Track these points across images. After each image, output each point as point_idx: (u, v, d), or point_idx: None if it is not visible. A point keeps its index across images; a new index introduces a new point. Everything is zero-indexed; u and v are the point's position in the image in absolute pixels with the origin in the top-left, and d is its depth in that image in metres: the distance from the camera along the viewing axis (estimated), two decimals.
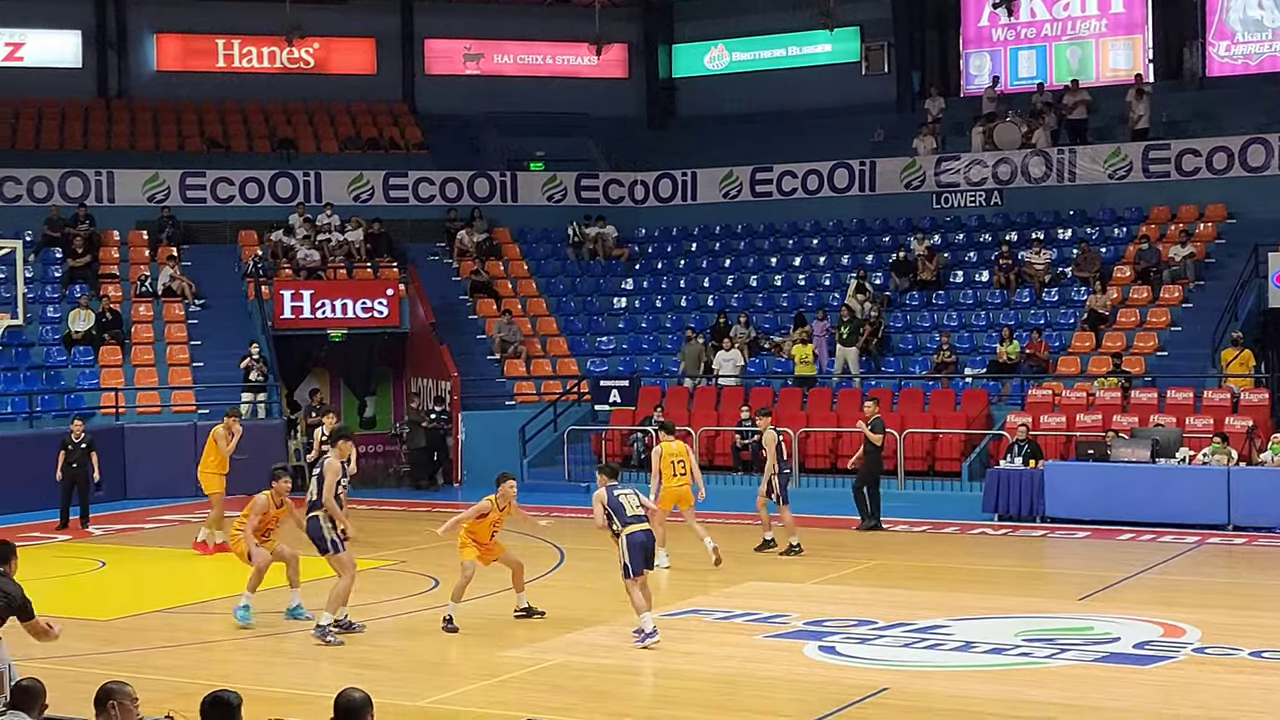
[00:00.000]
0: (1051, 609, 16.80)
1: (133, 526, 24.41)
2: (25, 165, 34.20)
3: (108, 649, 15.40)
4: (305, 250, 33.41)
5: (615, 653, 14.89)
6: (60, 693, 9.40)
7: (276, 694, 12.71)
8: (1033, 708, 12.65)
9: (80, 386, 30.07)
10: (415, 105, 39.07)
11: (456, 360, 31.53)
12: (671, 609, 17.05)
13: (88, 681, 9.43)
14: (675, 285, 35.59)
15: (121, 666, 13.78)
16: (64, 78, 37.12)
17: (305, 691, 12.98)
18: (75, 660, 14.50)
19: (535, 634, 15.85)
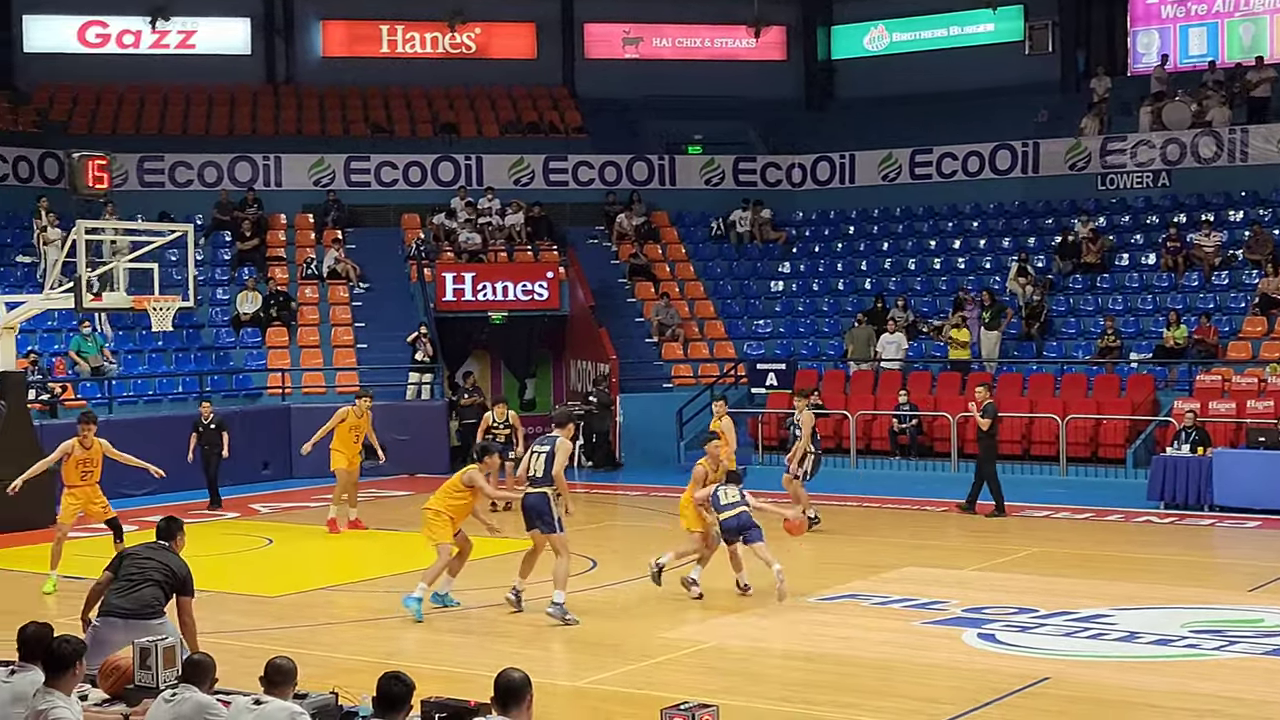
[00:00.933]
0: (1220, 600, 16.46)
1: (298, 505, 24.91)
2: (196, 151, 35.03)
3: (275, 625, 15.77)
4: (467, 233, 33.80)
5: (773, 636, 14.89)
6: (229, 666, 9.63)
7: (440, 672, 12.91)
8: (1200, 700, 12.41)
9: (248, 367, 30.75)
10: (575, 89, 39.28)
11: (615, 343, 31.69)
12: (829, 593, 17.02)
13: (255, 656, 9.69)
14: (832, 268, 35.41)
15: (288, 642, 14.10)
16: (233, 65, 37.93)
17: (467, 670, 13.16)
18: (243, 635, 14.88)
19: (693, 617, 15.91)
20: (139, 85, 36.81)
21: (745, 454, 29.07)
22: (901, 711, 11.97)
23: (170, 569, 11.35)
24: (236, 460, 26.81)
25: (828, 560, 19.23)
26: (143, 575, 11.23)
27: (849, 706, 12.31)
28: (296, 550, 21.15)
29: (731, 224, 36.39)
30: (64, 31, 37.12)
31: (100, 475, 18.20)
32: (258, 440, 27.84)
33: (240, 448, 27.14)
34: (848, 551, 20.09)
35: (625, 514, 26.15)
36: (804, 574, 18.25)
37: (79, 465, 17.83)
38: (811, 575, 18.16)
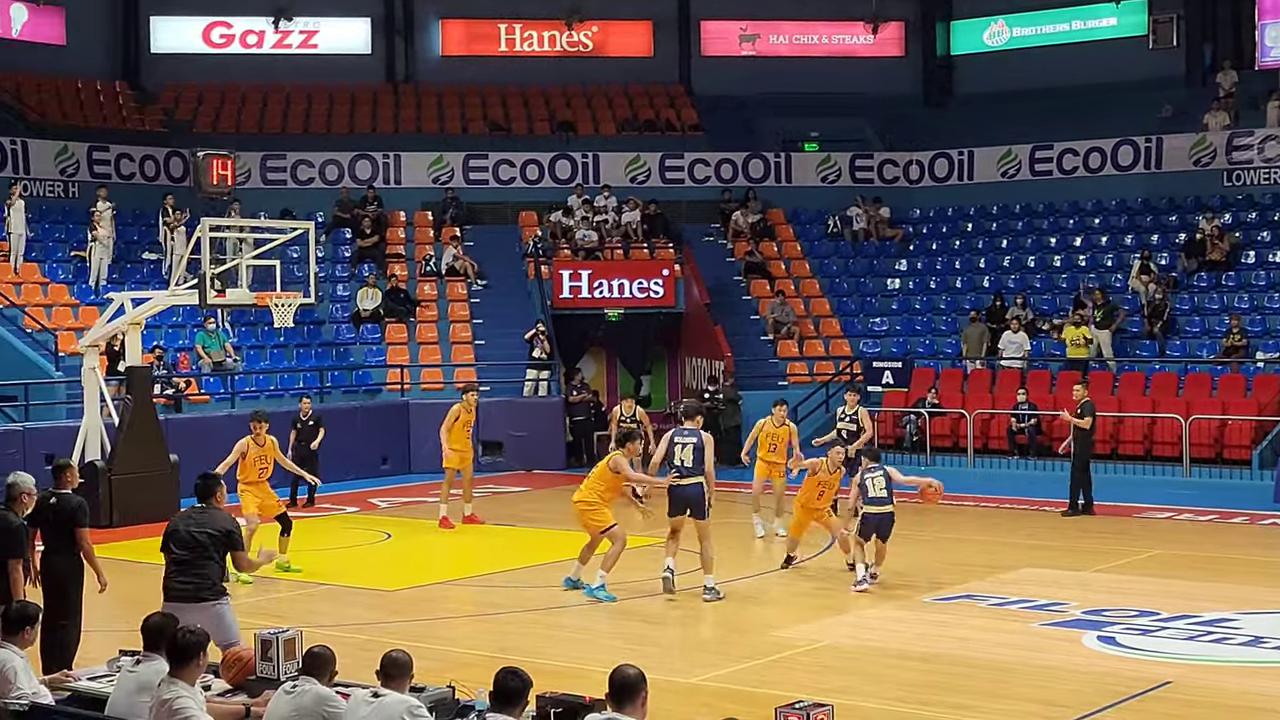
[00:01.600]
0: None
1: (417, 500, 25.14)
2: (317, 149, 35.50)
3: (393, 618, 15.94)
4: (583, 231, 33.95)
5: (888, 636, 14.81)
6: (348, 659, 9.76)
7: (554, 667, 12.98)
8: None
9: (367, 363, 31.12)
10: (691, 87, 39.28)
11: (730, 340, 31.68)
12: (945, 593, 16.91)
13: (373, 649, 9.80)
14: (950, 266, 35.12)
15: (405, 636, 14.24)
16: (354, 64, 38.37)
17: (580, 666, 13.23)
18: (363, 628, 15.06)
19: (808, 615, 15.87)
20: (262, 85, 37.39)
21: None
22: (1019, 714, 11.86)
23: (213, 531, 11.49)
24: (357, 455, 27.21)
25: (944, 560, 19.08)
26: (189, 551, 11.39)
27: (965, 708, 12.21)
28: (414, 545, 21.36)
29: (848, 221, 36.21)
30: (189, 32, 37.78)
31: (273, 472, 18.61)
32: (377, 435, 28.18)
33: (360, 443, 27.54)
34: (964, 551, 19.93)
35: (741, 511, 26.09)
36: (919, 573, 18.15)
37: (256, 463, 18.27)
38: (927, 575, 18.05)
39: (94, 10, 36.80)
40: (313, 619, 15.30)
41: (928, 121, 38.75)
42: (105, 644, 12.43)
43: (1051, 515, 23.14)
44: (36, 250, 30.42)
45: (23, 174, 31.23)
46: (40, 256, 30.41)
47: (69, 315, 28.59)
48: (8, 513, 12.12)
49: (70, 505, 12.63)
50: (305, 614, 15.71)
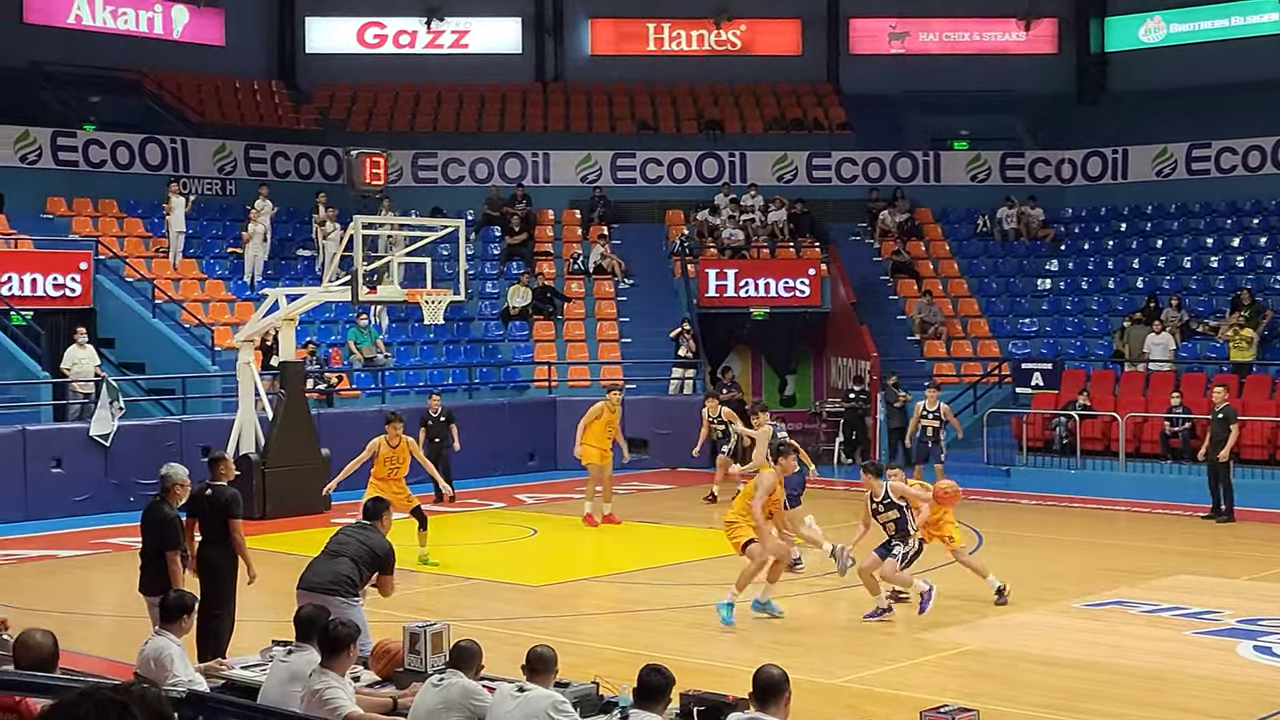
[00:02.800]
0: None
1: (563, 496, 25.32)
2: (468, 148, 35.91)
3: (539, 614, 16.08)
4: (730, 229, 33.95)
5: (1037, 642, 14.63)
6: (494, 653, 9.86)
7: (695, 665, 13.00)
8: None
9: (515, 360, 31.41)
10: (839, 85, 39.10)
11: (876, 340, 31.47)
12: (1094, 599, 16.66)
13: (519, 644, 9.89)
14: (1103, 266, 34.56)
15: (551, 631, 14.36)
16: (504, 63, 38.74)
17: (725, 664, 13.24)
18: (509, 623, 15.22)
19: (953, 619, 15.73)
20: (414, 84, 37.90)
21: (1009, 454, 28.63)
22: None
23: (371, 548, 11.64)
24: (504, 451, 27.49)
25: (1094, 565, 18.80)
26: (341, 551, 11.58)
27: (1116, 717, 12.04)
28: (560, 541, 21.51)
29: (998, 221, 35.80)
30: (344, 33, 38.44)
31: (407, 472, 18.78)
32: (524, 432, 28.44)
33: (507, 439, 27.82)
34: (1115, 556, 19.62)
35: None
36: (1069, 579, 17.92)
37: (386, 463, 18.49)
38: (1077, 580, 17.81)
39: (252, 12, 37.60)
40: (459, 613, 15.48)
41: (1081, 119, 38.14)
42: (257, 634, 12.70)
43: (1206, 522, 22.69)
44: (194, 247, 31.13)
45: (182, 172, 31.98)
46: (198, 253, 31.12)
47: (225, 311, 29.23)
48: (163, 504, 12.43)
49: (224, 497, 12.92)
50: (452, 608, 15.91)
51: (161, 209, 30.50)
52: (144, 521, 12.48)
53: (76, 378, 24.66)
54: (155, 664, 9.52)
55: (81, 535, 20.94)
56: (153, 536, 12.33)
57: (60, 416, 24.76)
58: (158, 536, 12.28)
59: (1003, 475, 27.70)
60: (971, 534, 21.14)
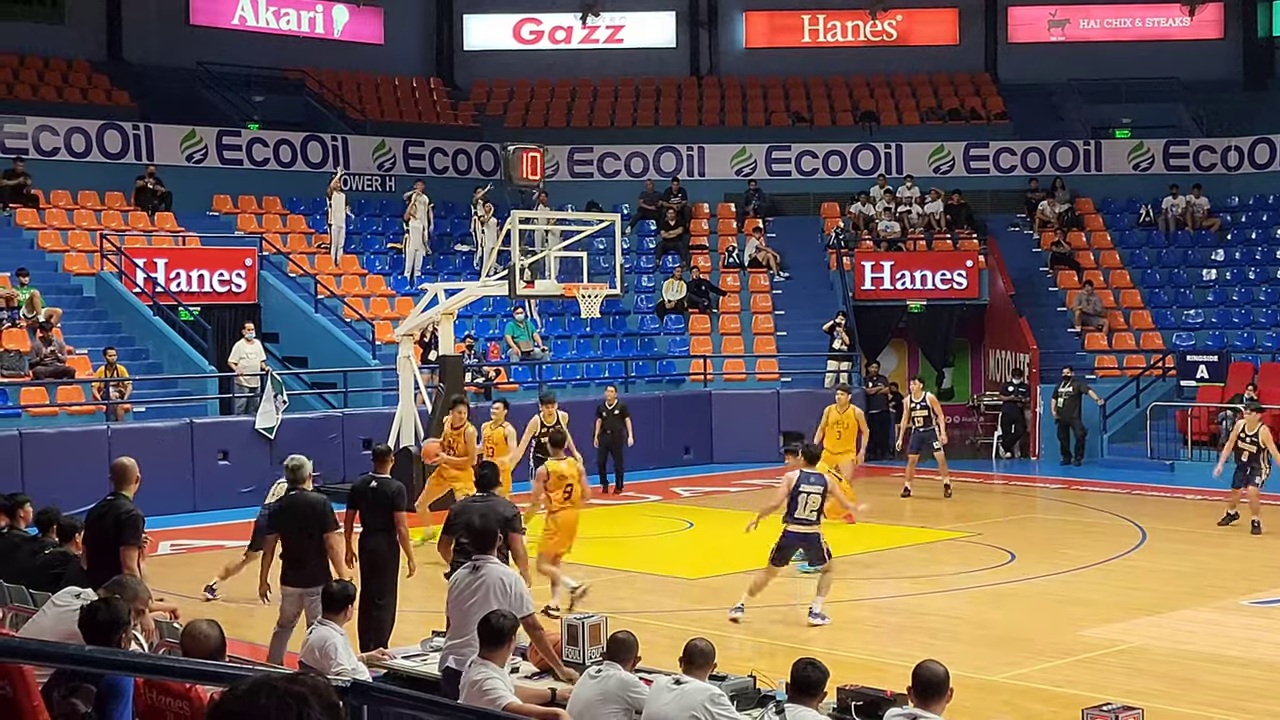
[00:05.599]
0: None
1: (718, 489, 25.37)
2: (623, 142, 36.04)
3: (695, 606, 16.13)
4: (886, 221, 33.70)
5: (1202, 639, 14.36)
6: (650, 646, 9.93)
7: (851, 659, 12.98)
8: None
9: (671, 353, 31.50)
10: (997, 74, 38.60)
11: (1035, 332, 31.04)
12: (1262, 596, 16.30)
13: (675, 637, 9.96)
14: (1270, 256, 33.69)
15: (706, 624, 14.41)
16: (659, 57, 38.84)
17: (879, 659, 13.19)
18: (664, 615, 15.29)
19: (1115, 615, 15.49)
20: (569, 79, 38.15)
21: (1173, 449, 28.06)
22: None
23: (500, 516, 11.73)
24: (660, 444, 27.60)
25: (1263, 562, 18.38)
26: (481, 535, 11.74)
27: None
28: (716, 534, 21.52)
29: (1162, 210, 35.10)
30: (500, 29, 38.80)
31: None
32: (679, 425, 28.52)
33: (664, 432, 27.93)
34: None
35: (1044, 507, 25.66)
36: (1236, 575, 17.56)
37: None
38: (1243, 577, 17.43)
39: (411, 10, 38.12)
40: (616, 605, 15.58)
41: (1247, 106, 37.22)
42: (419, 624, 12.92)
43: None
44: (355, 242, 31.67)
45: (342, 168, 32.54)
46: (359, 248, 31.66)
47: (385, 305, 29.69)
48: (306, 492, 12.56)
49: (390, 490, 13.14)
50: (609, 600, 16.01)
51: (323, 205, 31.07)
52: (287, 514, 12.52)
53: (243, 372, 25.23)
54: (320, 653, 9.74)
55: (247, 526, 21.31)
56: (300, 524, 12.28)
57: (226, 410, 25.33)
58: (313, 523, 12.27)
59: (1166, 470, 27.19)
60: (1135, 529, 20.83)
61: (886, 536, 20.64)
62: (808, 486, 14.95)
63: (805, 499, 14.88)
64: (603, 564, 18.55)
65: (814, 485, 14.99)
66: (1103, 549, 19.33)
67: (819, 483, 15.05)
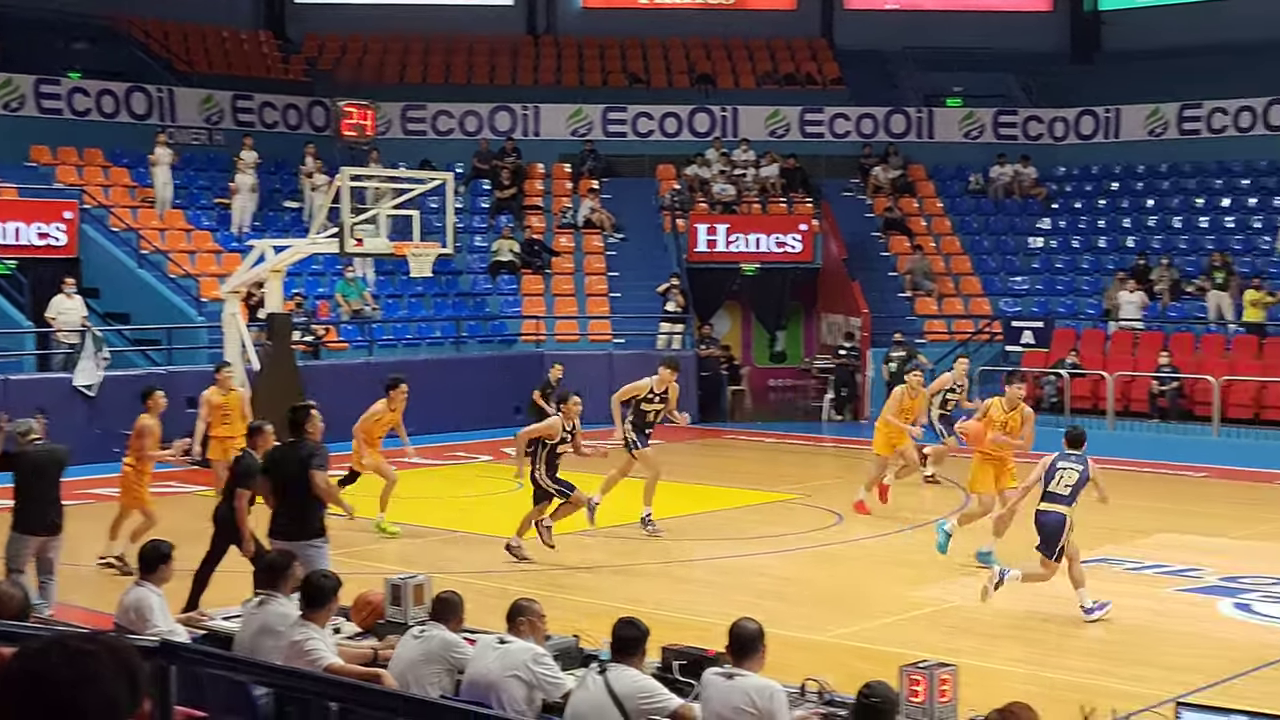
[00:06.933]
0: None
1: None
2: (457, 100, 35.68)
3: (525, 567, 16.05)
4: (721, 185, 33.83)
5: (1020, 599, 14.62)
6: (477, 606, 9.84)
7: (681, 619, 13.00)
8: None
9: (503, 314, 31.33)
10: (833, 40, 38.89)
11: (867, 297, 31.43)
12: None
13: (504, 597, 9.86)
14: (1094, 225, 34.48)
15: (538, 584, 14.35)
16: (495, 15, 38.48)
17: (709, 619, 13.22)
18: (492, 576, 15.20)
19: (937, 575, 15.73)
20: (404, 35, 37.62)
21: None
22: (1149, 679, 11.66)
23: (302, 461, 11.86)
24: (491, 405, 27.46)
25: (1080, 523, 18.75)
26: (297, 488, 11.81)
27: (1095, 672, 12.05)
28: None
29: (990, 178, 35.68)
30: None
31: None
32: (511, 385, 28.36)
33: (494, 393, 27.78)
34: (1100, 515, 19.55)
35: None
36: None
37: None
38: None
39: None
40: (444, 565, 15.47)
41: (1074, 78, 37.97)
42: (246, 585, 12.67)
43: (1191, 480, 22.71)
44: (181, 197, 30.96)
45: (168, 122, 31.78)
46: (185, 203, 30.96)
47: (212, 262, 29.09)
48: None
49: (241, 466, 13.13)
50: (436, 560, 15.89)
51: (147, 159, 30.31)
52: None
53: (61, 328, 24.56)
54: (135, 614, 9.52)
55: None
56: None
57: (44, 367, 24.66)
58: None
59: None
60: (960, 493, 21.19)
61: (717, 498, 20.75)
62: (1064, 464, 14.27)
63: (1060, 475, 14.22)
64: (431, 524, 18.42)
65: (1073, 464, 14.24)
66: (929, 510, 19.63)
67: (1079, 462, 14.27)
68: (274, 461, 12.55)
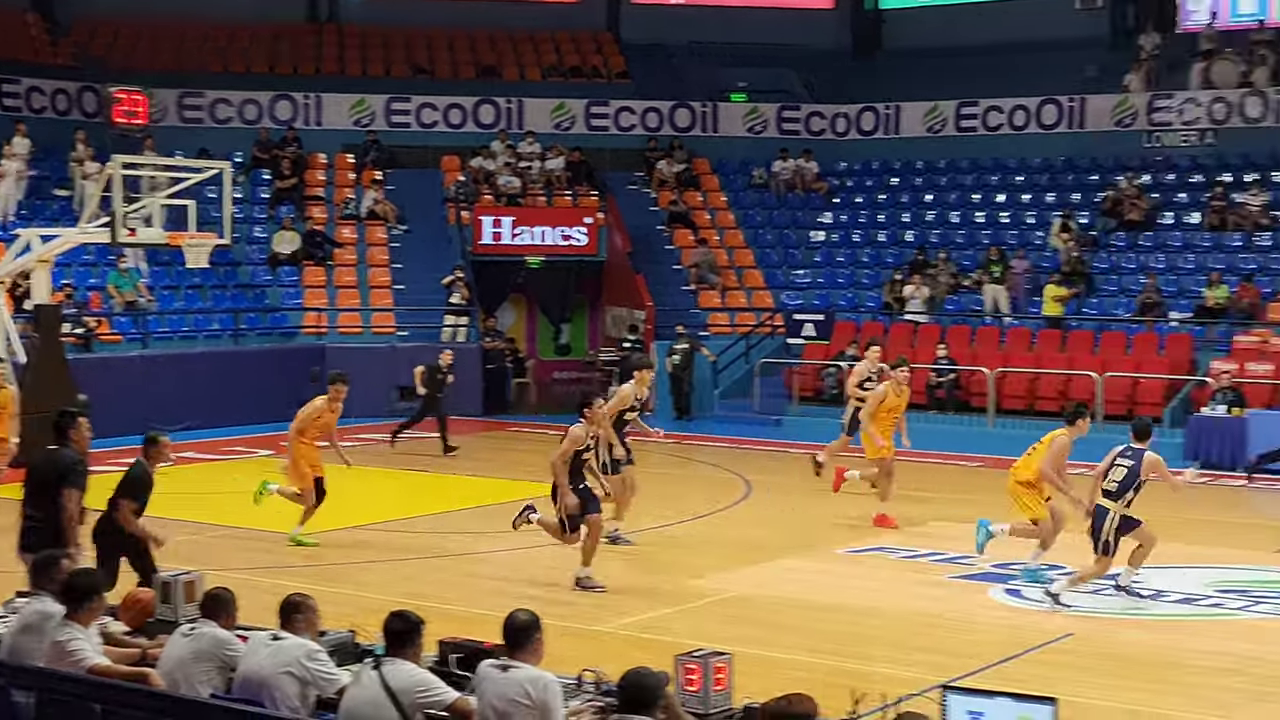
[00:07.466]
0: (1248, 560, 16.29)
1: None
2: (237, 88, 34.88)
3: (303, 562, 15.78)
4: (506, 177, 33.69)
5: (800, 587, 14.83)
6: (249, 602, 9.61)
7: (465, 614, 12.90)
8: (1222, 659, 12.36)
9: (284, 306, 30.78)
10: (619, 34, 38.98)
11: (652, 290, 31.59)
12: (856, 545, 16.95)
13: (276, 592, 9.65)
14: (874, 220, 35.14)
15: (315, 579, 14.13)
16: (276, 2, 37.71)
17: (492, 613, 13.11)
18: (267, 571, 14.91)
19: (719, 564, 15.86)
20: (180, 19, 36.55)
21: (780, 404, 28.99)
22: (924, 665, 11.88)
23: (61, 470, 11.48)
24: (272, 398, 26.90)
25: (857, 513, 19.10)
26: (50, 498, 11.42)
27: (872, 659, 12.25)
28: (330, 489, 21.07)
29: (773, 173, 36.14)
30: None
31: None
32: (292, 378, 27.83)
33: (275, 385, 27.25)
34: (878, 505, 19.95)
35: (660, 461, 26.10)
36: (831, 527, 18.18)
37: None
38: (839, 528, 18.08)
39: None
40: (223, 562, 15.12)
41: (855, 75, 38.64)
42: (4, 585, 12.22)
43: (967, 469, 23.25)
44: None
45: None
46: None
47: None
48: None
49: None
50: (216, 557, 15.52)
51: None
52: None
53: None
54: None
55: None
56: None
57: None
58: None
59: (774, 424, 28.06)
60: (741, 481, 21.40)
61: (501, 491, 20.65)
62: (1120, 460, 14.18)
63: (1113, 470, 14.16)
64: (206, 519, 18.02)
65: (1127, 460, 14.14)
66: (710, 501, 19.80)
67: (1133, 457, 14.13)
68: (34, 466, 12.02)
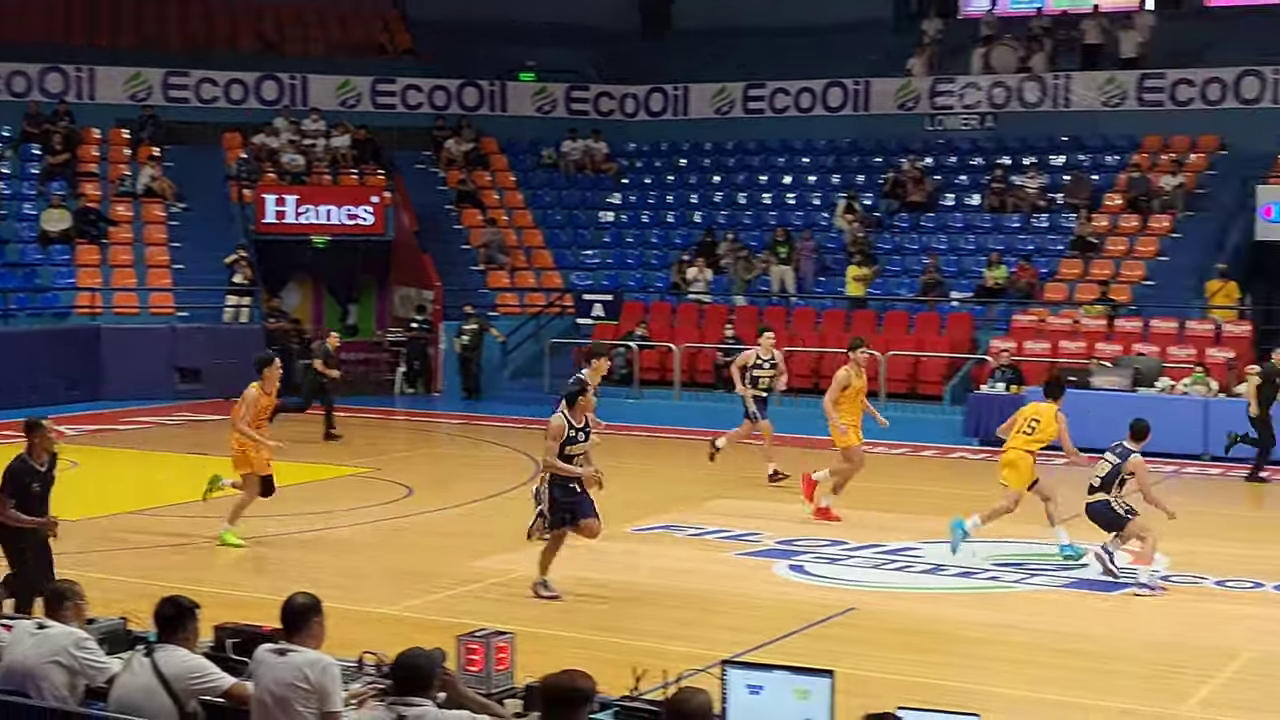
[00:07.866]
0: (1022, 534, 16.68)
1: (106, 428, 24.24)
2: (4, 59, 33.59)
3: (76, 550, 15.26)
4: (290, 155, 33.04)
5: (586, 566, 14.78)
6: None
7: (248, 598, 12.64)
8: (996, 630, 12.71)
9: (56, 285, 29.78)
10: (405, 10, 38.51)
11: (440, 269, 31.33)
12: (644, 524, 16.99)
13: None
14: (663, 200, 35.30)
15: (90, 566, 13.70)
16: None
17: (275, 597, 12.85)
18: None
19: (507, 545, 15.74)
20: None
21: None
22: (711, 641, 11.92)
23: None
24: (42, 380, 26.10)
25: (645, 491, 19.15)
26: None
27: (655, 635, 12.27)
28: (103, 474, 20.50)
29: (563, 153, 36.06)
30: None
31: None
32: (64, 360, 27.05)
33: (47, 368, 26.43)
34: (667, 483, 20.07)
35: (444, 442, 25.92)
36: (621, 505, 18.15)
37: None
38: (628, 507, 18.07)
39: None
40: None
41: (645, 55, 38.74)
42: None
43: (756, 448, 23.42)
44: None
45: None
46: None
47: None
48: None
49: None
50: None
51: None
52: None
53: None
54: None
55: None
56: None
57: None
58: None
59: None
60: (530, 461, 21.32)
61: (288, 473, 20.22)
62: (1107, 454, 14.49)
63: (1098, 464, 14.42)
64: None
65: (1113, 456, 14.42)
66: (499, 482, 19.69)
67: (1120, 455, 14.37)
68: None
